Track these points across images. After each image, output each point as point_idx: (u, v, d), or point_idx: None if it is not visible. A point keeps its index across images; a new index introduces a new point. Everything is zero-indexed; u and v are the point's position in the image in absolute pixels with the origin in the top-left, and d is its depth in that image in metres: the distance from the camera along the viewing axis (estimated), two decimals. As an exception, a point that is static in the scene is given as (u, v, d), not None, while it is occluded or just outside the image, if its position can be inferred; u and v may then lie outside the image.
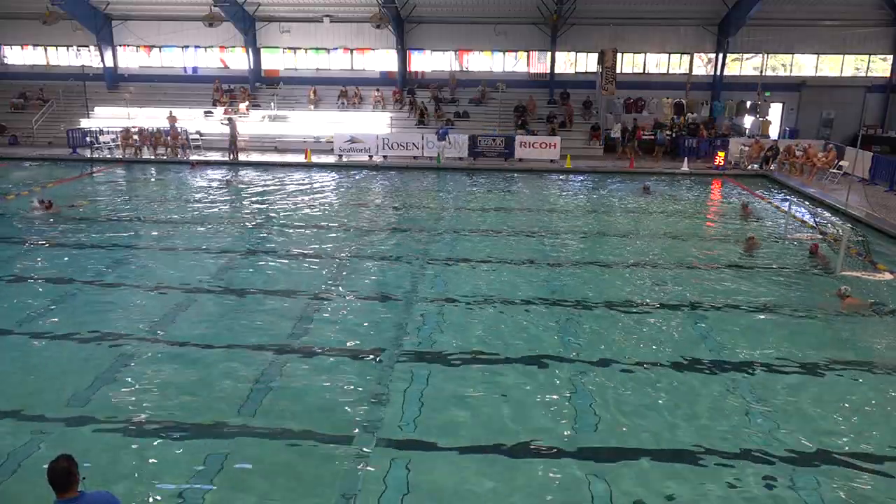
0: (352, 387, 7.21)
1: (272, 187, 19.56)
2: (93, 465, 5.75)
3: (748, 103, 28.47)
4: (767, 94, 28.31)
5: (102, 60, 30.04)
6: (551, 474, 5.72)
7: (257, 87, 30.30)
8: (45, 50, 31.34)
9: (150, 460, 5.83)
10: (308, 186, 19.92)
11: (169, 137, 24.85)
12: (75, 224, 14.34)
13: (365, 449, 6.04)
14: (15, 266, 11.48)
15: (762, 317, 9.42)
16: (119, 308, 9.53)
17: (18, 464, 5.72)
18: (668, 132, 26.38)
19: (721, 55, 28.85)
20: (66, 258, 11.97)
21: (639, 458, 5.96)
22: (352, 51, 30.52)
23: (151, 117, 27.04)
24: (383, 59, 30.50)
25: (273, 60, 30.93)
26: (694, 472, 5.80)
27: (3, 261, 11.77)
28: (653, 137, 26.49)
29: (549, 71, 29.85)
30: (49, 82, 30.21)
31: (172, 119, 25.72)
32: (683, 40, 29.26)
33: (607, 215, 16.44)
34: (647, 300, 9.98)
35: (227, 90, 29.56)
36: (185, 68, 31.18)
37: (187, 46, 30.75)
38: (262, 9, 29.20)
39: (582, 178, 22.09)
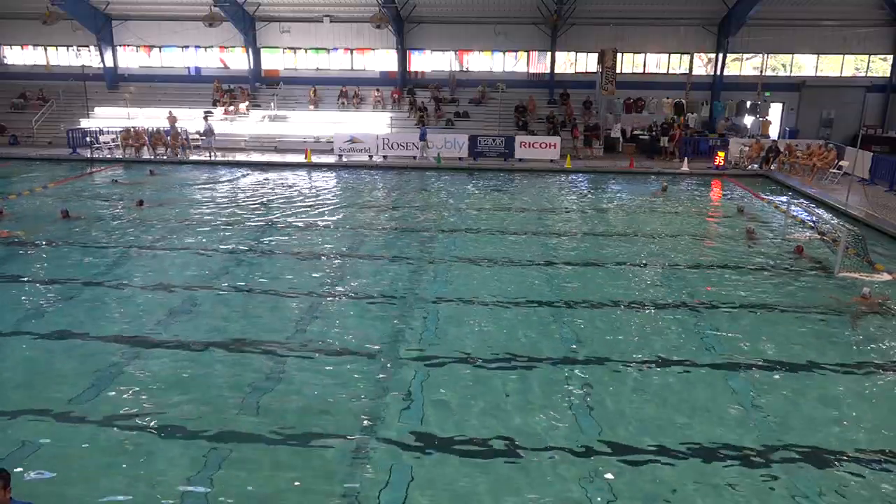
0: (353, 386, 7.21)
1: (272, 187, 19.54)
2: (93, 465, 5.77)
3: (748, 103, 28.47)
4: (767, 94, 28.31)
5: (102, 60, 30.05)
6: (553, 475, 5.72)
7: (257, 87, 30.30)
8: (45, 50, 31.33)
9: (150, 460, 5.83)
10: (308, 186, 19.91)
11: (169, 137, 24.85)
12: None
13: (366, 449, 6.04)
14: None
15: (762, 316, 9.42)
16: (119, 308, 9.54)
17: (19, 463, 5.72)
18: (651, 134, 26.40)
19: (721, 55, 28.85)
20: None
21: (640, 458, 5.96)
22: (352, 51, 30.53)
23: (151, 117, 27.04)
24: (383, 59, 30.50)
25: (273, 60, 30.93)
26: (694, 471, 5.80)
27: None
28: (647, 137, 26.49)
29: (549, 71, 29.86)
30: (49, 82, 30.19)
31: (172, 119, 25.71)
32: (683, 40, 29.26)
33: (614, 215, 16.38)
34: (650, 300, 9.98)
35: (228, 90, 29.55)
36: (185, 68, 31.19)
37: (187, 46, 30.76)
38: (262, 9, 29.21)
39: (583, 177, 22.07)
